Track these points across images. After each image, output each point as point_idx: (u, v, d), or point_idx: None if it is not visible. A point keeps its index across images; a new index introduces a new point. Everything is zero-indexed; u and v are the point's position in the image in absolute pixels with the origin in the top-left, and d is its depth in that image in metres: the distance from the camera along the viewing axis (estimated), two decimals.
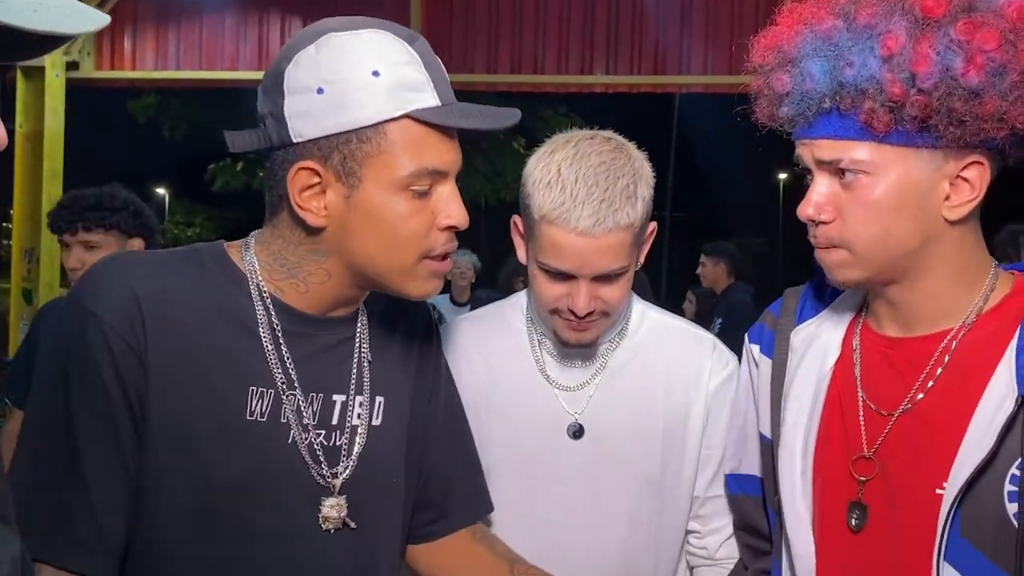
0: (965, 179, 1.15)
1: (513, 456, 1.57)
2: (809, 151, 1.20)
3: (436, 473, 1.36)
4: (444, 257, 1.19)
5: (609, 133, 1.55)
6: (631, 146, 1.53)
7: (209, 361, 1.13)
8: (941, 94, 1.08)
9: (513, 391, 1.59)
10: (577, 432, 1.56)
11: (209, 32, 7.20)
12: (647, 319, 1.64)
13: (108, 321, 1.08)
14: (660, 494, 1.56)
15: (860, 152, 1.15)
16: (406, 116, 1.11)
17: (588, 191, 1.41)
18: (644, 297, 1.71)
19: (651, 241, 1.58)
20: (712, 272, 6.20)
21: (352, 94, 1.08)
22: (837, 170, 1.18)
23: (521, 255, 1.57)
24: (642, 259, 1.57)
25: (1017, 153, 1.18)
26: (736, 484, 1.52)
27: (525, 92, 8.58)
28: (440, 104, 1.13)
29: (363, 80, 1.08)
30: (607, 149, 1.48)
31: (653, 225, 1.57)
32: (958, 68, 1.07)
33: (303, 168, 1.11)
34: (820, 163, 1.19)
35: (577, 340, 1.53)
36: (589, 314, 1.47)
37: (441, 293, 6.49)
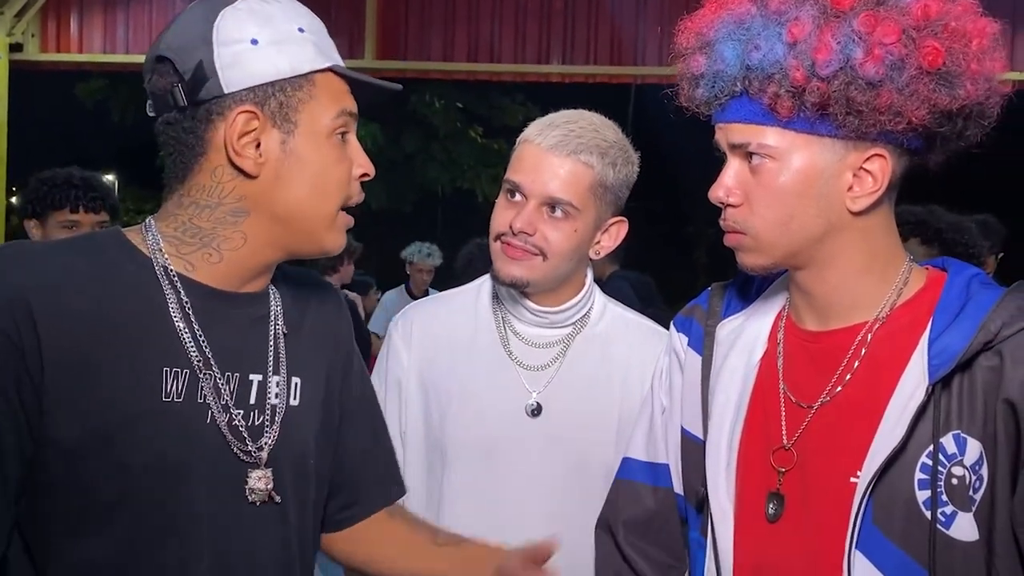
0: (868, 171, 1.18)
1: (473, 434, 1.60)
2: (724, 135, 1.24)
3: (349, 457, 1.37)
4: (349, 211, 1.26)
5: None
6: (629, 143, 1.64)
7: (117, 346, 1.10)
8: (840, 83, 1.11)
9: (476, 368, 1.62)
10: (535, 410, 1.60)
11: (159, 15, 7.04)
12: (608, 312, 1.69)
13: None
14: (611, 480, 1.57)
15: (766, 137, 1.19)
16: (329, 69, 1.19)
17: (566, 123, 1.58)
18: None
19: (616, 236, 1.64)
20: (596, 262, 6.08)
21: (286, 44, 1.16)
22: (746, 154, 1.22)
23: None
24: (601, 249, 1.64)
25: (937, 157, 1.22)
26: (648, 473, 1.46)
27: (482, 81, 8.57)
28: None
29: (293, 34, 1.17)
30: (607, 121, 1.62)
31: (622, 223, 1.64)
32: (857, 58, 1.10)
33: (243, 112, 1.14)
34: (732, 147, 1.23)
35: (508, 274, 1.57)
36: (525, 236, 1.54)
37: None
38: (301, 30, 1.17)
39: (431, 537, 1.40)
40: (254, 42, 1.14)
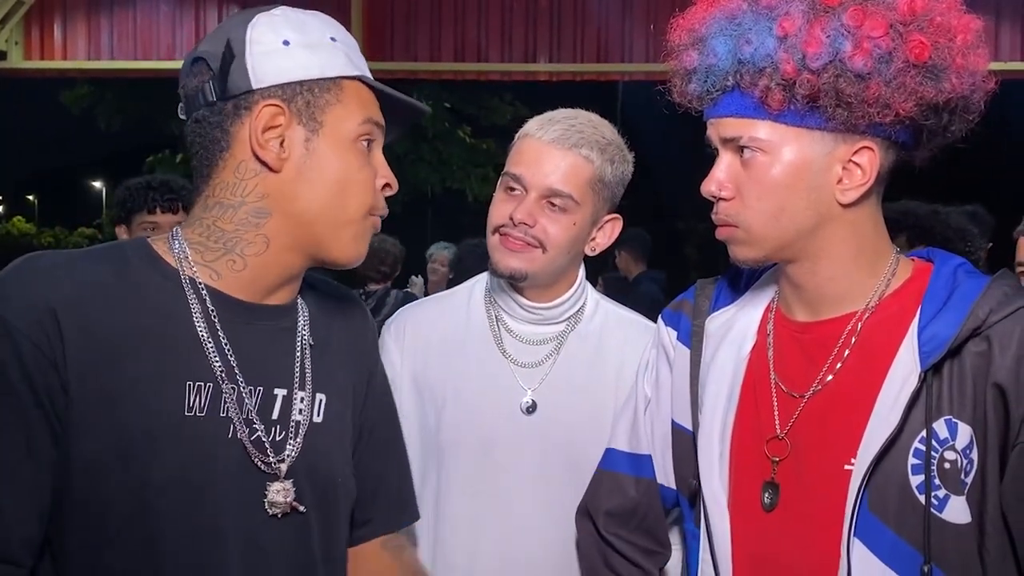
0: (857, 164, 1.20)
1: (468, 433, 1.60)
2: (715, 130, 1.26)
3: (367, 478, 1.35)
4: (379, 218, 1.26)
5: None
6: (624, 144, 1.66)
7: (140, 361, 1.10)
8: (830, 75, 1.14)
9: (471, 366, 1.63)
10: (530, 408, 1.60)
11: (144, 21, 7.03)
12: (601, 308, 1.70)
13: (19, 327, 1.05)
14: None
15: (758, 130, 1.21)
16: (358, 79, 1.21)
17: (566, 118, 1.62)
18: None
19: (611, 233, 1.66)
20: (621, 260, 6.09)
21: (317, 49, 1.19)
22: (738, 148, 1.24)
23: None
24: (597, 246, 1.65)
25: (923, 152, 1.25)
26: (631, 464, 1.49)
27: (469, 80, 8.57)
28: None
29: (324, 41, 1.20)
30: (604, 120, 1.66)
31: (617, 221, 1.66)
32: (846, 51, 1.13)
33: (269, 105, 1.16)
34: (724, 141, 1.25)
35: (507, 266, 1.58)
36: (526, 228, 1.56)
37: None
38: (333, 39, 1.20)
39: None
40: (286, 43, 1.16)
